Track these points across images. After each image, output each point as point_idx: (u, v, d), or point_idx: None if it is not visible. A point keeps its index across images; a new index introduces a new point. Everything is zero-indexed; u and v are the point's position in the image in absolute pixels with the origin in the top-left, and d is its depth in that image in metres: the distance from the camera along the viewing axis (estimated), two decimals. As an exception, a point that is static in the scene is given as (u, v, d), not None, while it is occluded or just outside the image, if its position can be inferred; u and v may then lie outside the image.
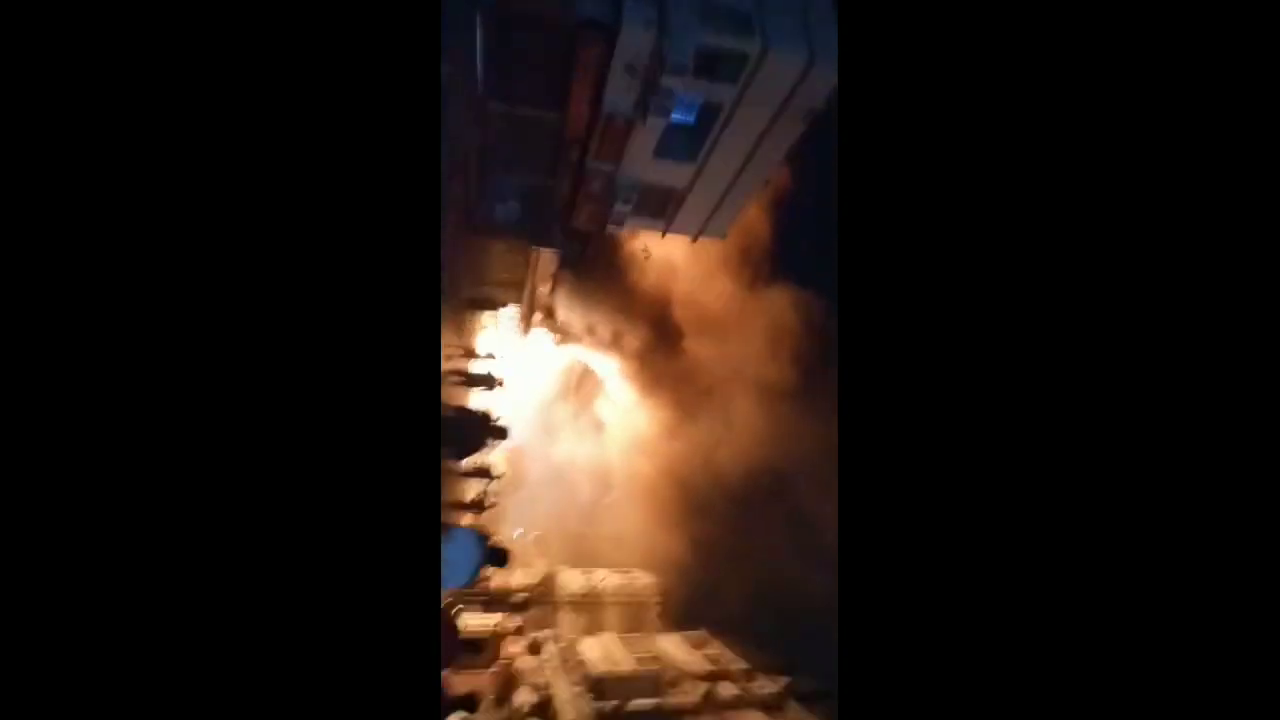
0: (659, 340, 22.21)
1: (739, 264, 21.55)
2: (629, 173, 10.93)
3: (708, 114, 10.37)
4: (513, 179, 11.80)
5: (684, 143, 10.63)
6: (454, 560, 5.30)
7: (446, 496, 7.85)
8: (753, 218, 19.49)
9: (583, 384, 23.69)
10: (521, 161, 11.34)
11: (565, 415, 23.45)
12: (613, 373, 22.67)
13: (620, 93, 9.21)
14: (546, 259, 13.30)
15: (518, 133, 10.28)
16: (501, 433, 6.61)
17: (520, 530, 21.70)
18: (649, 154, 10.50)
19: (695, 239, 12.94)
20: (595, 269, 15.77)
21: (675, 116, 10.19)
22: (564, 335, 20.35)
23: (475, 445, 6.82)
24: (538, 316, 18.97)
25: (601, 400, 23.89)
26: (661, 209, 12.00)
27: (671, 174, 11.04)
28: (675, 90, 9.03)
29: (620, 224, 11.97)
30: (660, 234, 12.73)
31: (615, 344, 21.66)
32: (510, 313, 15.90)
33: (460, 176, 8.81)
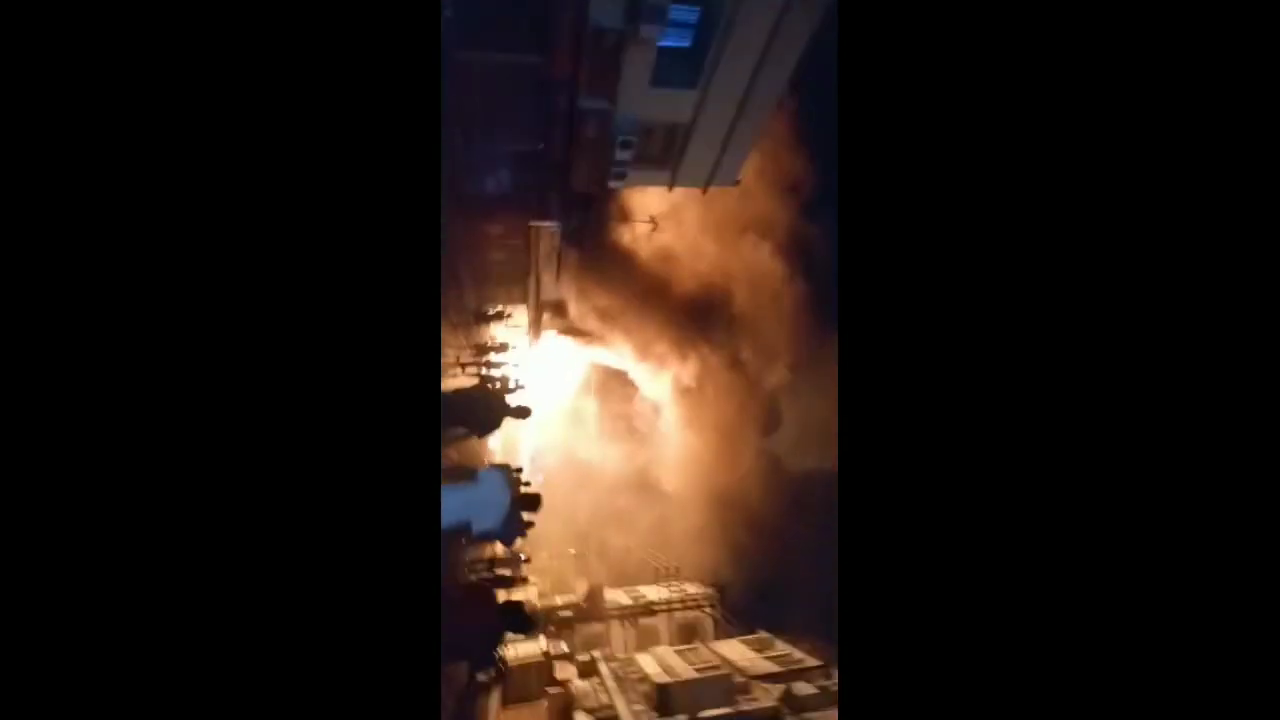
0: (680, 337, 20.96)
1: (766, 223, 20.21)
2: (626, 111, 9.93)
3: (705, 33, 9.39)
4: (499, 146, 10.86)
5: (682, 68, 9.63)
6: (483, 501, 4.88)
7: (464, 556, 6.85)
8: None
9: (607, 387, 22.43)
10: (506, 123, 10.42)
11: (591, 422, 22.16)
12: (643, 375, 21.44)
13: (606, 7, 8.25)
14: (547, 237, 12.25)
15: (496, 85, 9.34)
16: (523, 412, 5.62)
17: (572, 550, 20.31)
18: (645, 84, 9.50)
19: (706, 189, 11.87)
20: (602, 248, 14.62)
21: (670, 40, 9.22)
22: (580, 335, 19.16)
23: (494, 423, 5.77)
24: (547, 317, 17.85)
25: (631, 403, 22.60)
26: (665, 155, 10.96)
27: (672, 106, 10.00)
28: (666, -4, 8.06)
29: (622, 177, 10.92)
30: (667, 187, 11.67)
31: (638, 345, 20.45)
32: (515, 324, 14.91)
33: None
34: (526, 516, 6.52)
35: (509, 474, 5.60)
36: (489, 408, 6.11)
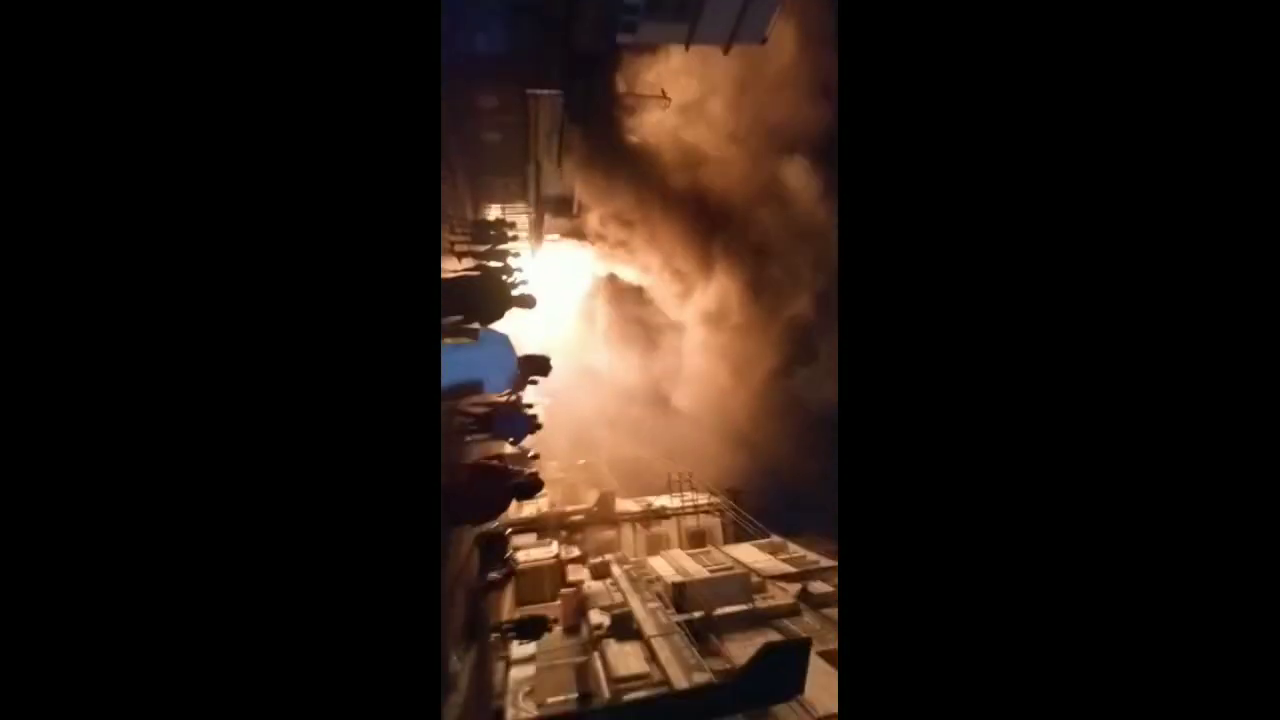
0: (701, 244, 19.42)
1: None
2: (637, -55, 8.37)
3: None
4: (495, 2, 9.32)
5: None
6: (486, 360, 4.69)
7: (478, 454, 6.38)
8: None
9: (620, 292, 21.30)
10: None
11: (601, 326, 21.23)
12: (660, 292, 20.22)
13: None
14: (547, 109, 10.86)
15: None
16: (528, 301, 5.01)
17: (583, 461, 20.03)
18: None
19: (728, 48, 10.36)
20: (610, 128, 13.06)
21: None
22: (587, 239, 17.85)
23: (497, 312, 5.15)
24: (549, 219, 16.57)
25: (647, 306, 21.49)
26: (682, 4, 9.43)
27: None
28: None
29: (633, 29, 9.45)
30: (684, 46, 10.18)
31: (656, 258, 19.05)
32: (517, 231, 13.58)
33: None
34: (537, 417, 5.88)
35: (506, 338, 5.04)
36: (491, 295, 5.37)
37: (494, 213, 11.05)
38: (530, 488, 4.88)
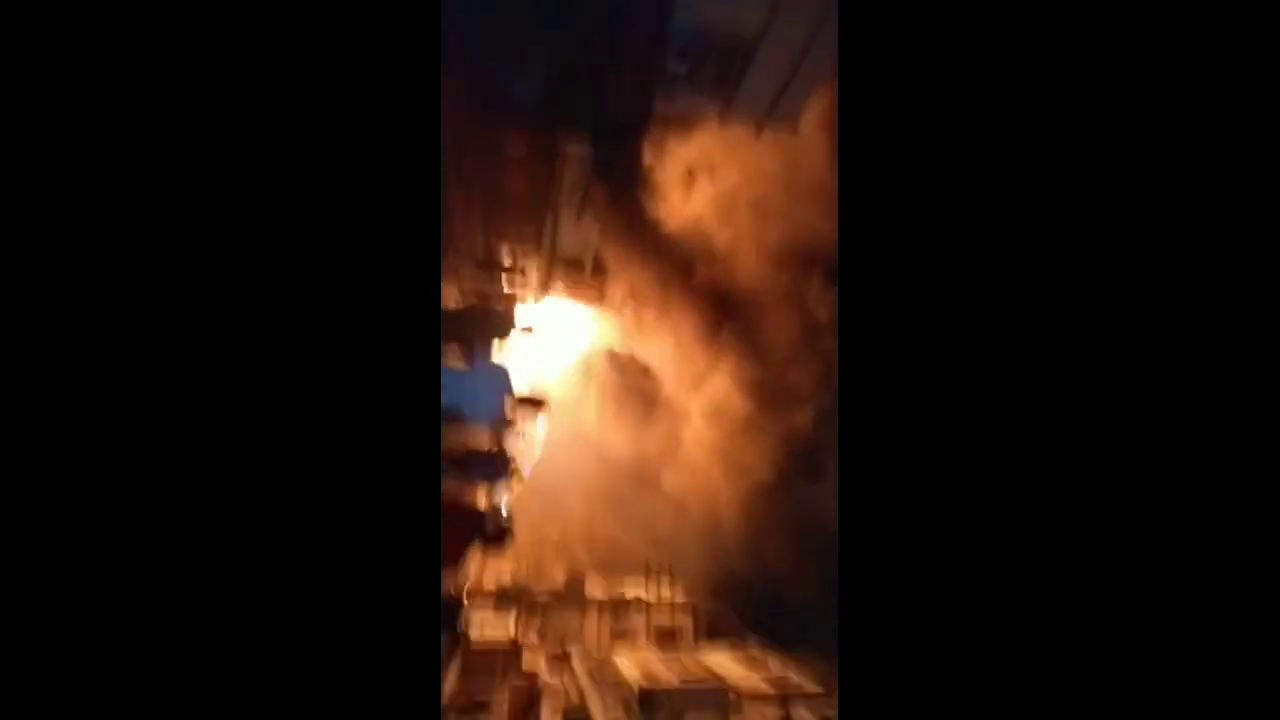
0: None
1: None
2: (685, 14, 8.51)
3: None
4: (536, 49, 9.45)
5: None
6: (478, 389, 4.48)
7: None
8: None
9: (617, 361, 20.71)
10: (545, 26, 9.03)
11: (595, 394, 20.46)
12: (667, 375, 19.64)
13: None
14: (574, 164, 10.81)
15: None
16: (530, 329, 5.04)
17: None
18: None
19: (760, 130, 10.42)
20: (635, 199, 13.05)
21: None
22: (594, 299, 17.49)
23: (498, 337, 5.04)
24: (560, 279, 16.34)
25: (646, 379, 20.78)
26: (723, 76, 9.53)
27: (741, 12, 8.59)
28: None
29: (671, 96, 9.49)
30: (717, 117, 10.23)
31: (670, 341, 18.61)
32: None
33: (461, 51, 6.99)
34: (520, 469, 5.76)
35: (502, 369, 4.92)
36: (493, 321, 5.37)
37: (505, 256, 10.75)
38: (498, 535, 4.58)
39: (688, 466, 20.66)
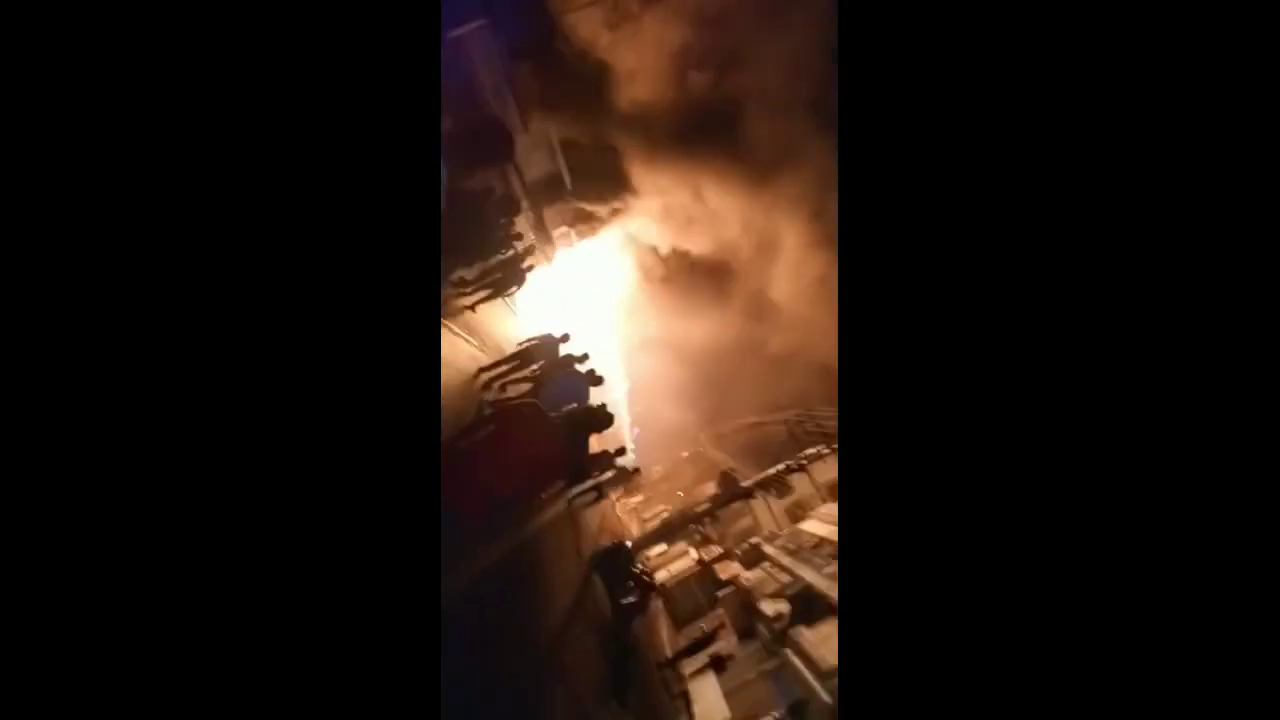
0: None
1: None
2: None
3: None
4: None
5: None
6: (564, 388, 4.81)
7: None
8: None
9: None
10: None
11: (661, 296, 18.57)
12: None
13: None
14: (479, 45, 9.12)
15: None
16: (603, 420, 4.60)
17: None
18: None
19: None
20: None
21: None
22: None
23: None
24: (546, 212, 14.87)
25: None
26: None
27: None
28: None
29: None
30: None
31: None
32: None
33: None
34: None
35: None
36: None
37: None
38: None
39: (782, 323, 18.74)
